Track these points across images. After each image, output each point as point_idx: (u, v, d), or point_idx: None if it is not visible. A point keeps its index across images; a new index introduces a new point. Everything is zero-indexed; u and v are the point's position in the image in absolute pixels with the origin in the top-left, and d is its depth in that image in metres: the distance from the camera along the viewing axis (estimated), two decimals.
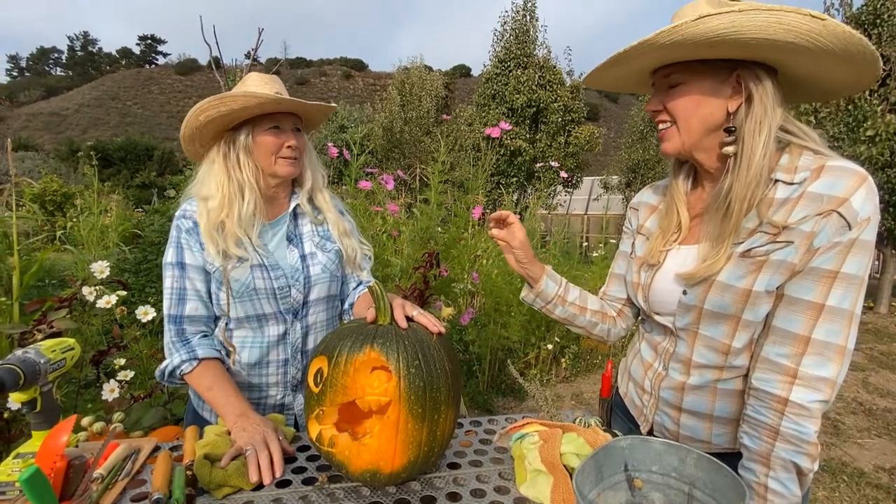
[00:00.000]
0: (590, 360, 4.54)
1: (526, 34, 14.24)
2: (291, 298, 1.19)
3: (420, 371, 0.83)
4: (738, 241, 0.83)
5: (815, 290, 0.77)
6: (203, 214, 1.12)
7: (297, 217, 1.27)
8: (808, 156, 0.81)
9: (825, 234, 0.75)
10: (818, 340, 0.76)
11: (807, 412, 0.76)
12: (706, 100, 0.83)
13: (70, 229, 5.34)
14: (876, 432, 3.39)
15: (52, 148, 58.66)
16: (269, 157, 1.16)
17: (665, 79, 0.87)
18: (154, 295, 3.80)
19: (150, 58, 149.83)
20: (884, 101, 6.49)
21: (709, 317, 0.87)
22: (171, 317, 1.13)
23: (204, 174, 1.17)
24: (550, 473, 0.84)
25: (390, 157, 17.83)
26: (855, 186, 0.74)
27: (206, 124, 1.11)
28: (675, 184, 0.99)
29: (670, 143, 0.90)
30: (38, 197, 10.82)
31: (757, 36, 0.72)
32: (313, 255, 1.24)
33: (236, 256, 1.12)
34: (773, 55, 0.78)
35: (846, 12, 7.03)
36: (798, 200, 0.78)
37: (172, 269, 1.13)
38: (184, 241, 1.13)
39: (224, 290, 1.12)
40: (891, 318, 6.98)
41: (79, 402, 2.07)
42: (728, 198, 0.84)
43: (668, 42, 0.75)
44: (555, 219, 12.70)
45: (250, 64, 3.99)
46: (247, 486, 0.86)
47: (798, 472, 0.77)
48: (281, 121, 1.16)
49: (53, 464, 0.75)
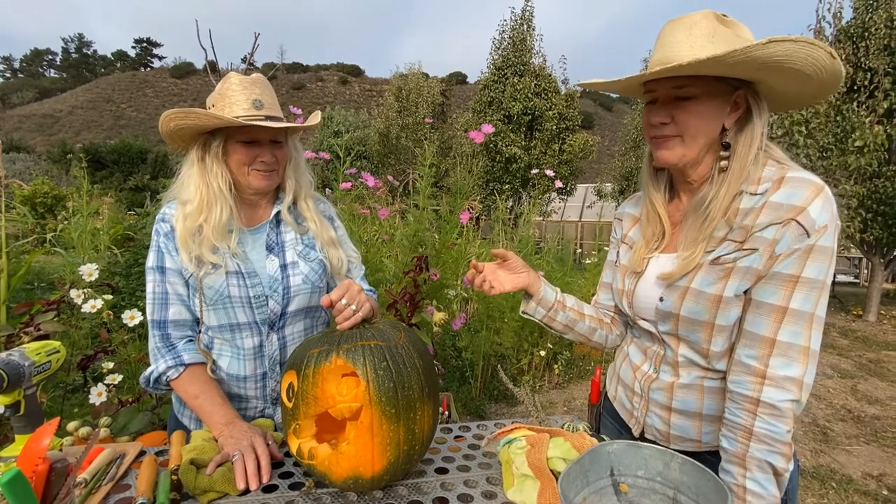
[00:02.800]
0: (582, 366, 4.55)
1: (523, 43, 14.39)
2: (268, 309, 1.14)
3: (388, 372, 0.83)
4: (709, 250, 0.88)
5: (779, 294, 0.80)
6: (180, 219, 1.09)
7: (280, 224, 1.21)
8: (771, 166, 0.85)
9: (785, 241, 0.79)
10: (783, 342, 0.80)
11: (778, 412, 0.79)
12: (714, 116, 0.87)
13: (60, 232, 5.29)
14: (864, 439, 3.42)
15: (44, 150, 58.21)
16: (241, 167, 1.11)
17: (675, 90, 0.87)
18: (144, 299, 3.77)
19: (146, 61, 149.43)
20: (872, 112, 6.60)
21: (686, 323, 0.91)
22: (155, 322, 1.11)
23: (184, 175, 1.13)
24: (537, 478, 0.84)
25: (386, 162, 17.87)
26: (812, 196, 0.79)
27: (176, 130, 1.08)
28: (654, 195, 1.02)
29: (672, 153, 0.90)
30: (29, 199, 10.73)
31: (794, 66, 0.78)
32: (295, 264, 1.18)
33: (210, 263, 1.08)
34: (775, 77, 0.82)
35: (837, 25, 7.16)
36: (761, 210, 0.82)
37: (154, 273, 1.11)
38: (163, 245, 1.11)
39: (197, 296, 1.10)
40: (879, 327, 7.05)
41: (65, 406, 2.04)
42: (710, 206, 0.87)
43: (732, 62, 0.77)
44: (549, 225, 12.75)
45: (246, 68, 4.00)
46: (233, 491, 0.85)
47: (774, 473, 0.79)
48: (257, 132, 1.09)
49: (35, 467, 0.74)
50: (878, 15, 6.67)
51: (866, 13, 6.93)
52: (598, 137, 16.53)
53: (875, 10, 6.82)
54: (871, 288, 7.65)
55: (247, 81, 1.10)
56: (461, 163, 3.19)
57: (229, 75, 1.11)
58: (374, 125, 17.71)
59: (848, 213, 6.63)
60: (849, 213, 6.64)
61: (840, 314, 7.88)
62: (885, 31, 6.59)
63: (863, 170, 6.55)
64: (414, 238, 2.85)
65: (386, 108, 18.57)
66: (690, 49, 0.82)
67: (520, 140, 14.06)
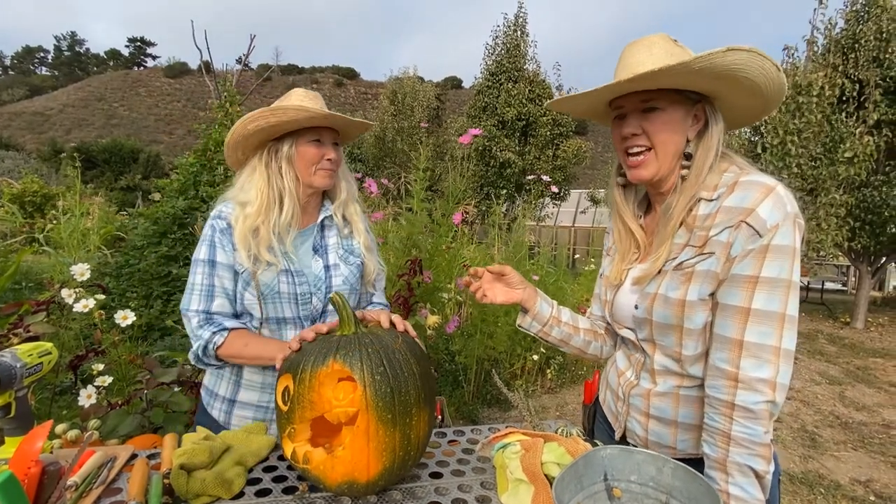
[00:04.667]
0: (574, 371, 4.56)
1: (517, 49, 14.48)
2: (311, 306, 1.23)
3: (386, 377, 0.83)
4: (672, 257, 0.91)
5: (740, 295, 0.83)
6: (240, 219, 1.17)
7: (324, 228, 1.33)
8: (731, 173, 0.89)
9: (738, 243, 0.82)
10: (751, 343, 0.81)
11: (752, 414, 0.80)
12: (679, 127, 0.92)
13: (50, 231, 5.23)
14: (852, 445, 3.46)
15: (34, 148, 57.44)
16: (308, 167, 1.21)
17: (642, 103, 0.91)
18: (135, 300, 3.74)
19: (139, 60, 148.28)
20: (862, 123, 6.72)
21: (658, 328, 0.94)
22: (199, 311, 1.16)
23: (244, 180, 1.23)
24: (531, 483, 0.84)
25: (381, 165, 17.87)
26: (761, 198, 0.81)
27: (254, 133, 1.16)
28: (625, 213, 1.06)
29: (647, 170, 0.94)
30: (18, 197, 10.57)
31: (748, 75, 0.83)
32: (336, 266, 1.29)
33: (266, 261, 1.16)
34: (730, 88, 0.87)
35: (829, 35, 7.27)
36: (716, 215, 0.86)
37: (204, 265, 1.17)
38: (217, 240, 1.17)
39: (250, 290, 1.17)
40: (867, 334, 7.14)
41: (53, 408, 2.02)
42: (672, 212, 0.92)
43: (698, 67, 0.81)
44: (543, 230, 12.80)
45: (241, 69, 3.99)
46: (225, 495, 0.85)
47: (756, 475, 0.80)
48: (322, 134, 1.22)
49: (28, 469, 0.73)
50: (869, 27, 6.79)
51: (857, 24, 7.06)
52: (591, 144, 16.64)
53: (865, 21, 6.94)
54: (858, 295, 7.76)
55: (311, 94, 1.24)
56: (455, 167, 3.20)
57: (294, 90, 1.24)
58: None
59: (836, 222, 6.72)
60: (837, 221, 6.73)
61: (828, 321, 7.97)
62: (875, 42, 6.71)
63: (852, 179, 6.66)
64: (408, 241, 2.86)
65: (381, 112, 18.58)
66: (654, 64, 0.84)
67: (514, 145, 14.13)
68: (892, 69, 6.55)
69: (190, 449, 0.93)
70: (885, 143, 6.81)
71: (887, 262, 7.90)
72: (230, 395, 1.24)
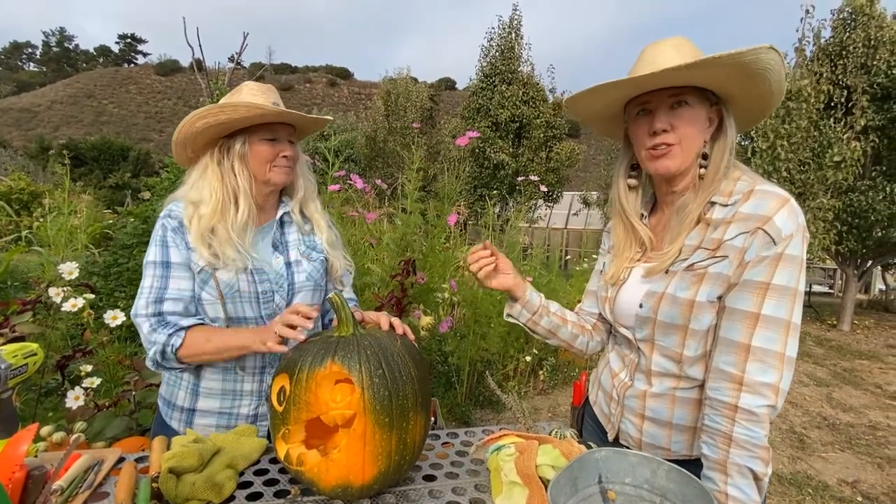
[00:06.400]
0: (567, 372, 4.57)
1: (511, 51, 14.51)
2: (274, 304, 1.19)
3: (384, 380, 0.83)
4: (684, 258, 0.92)
5: (751, 301, 0.84)
6: (194, 219, 1.12)
7: (284, 225, 1.28)
8: (744, 181, 0.91)
9: (753, 249, 0.84)
10: (758, 347, 0.82)
11: (755, 417, 0.81)
12: (702, 126, 0.94)
13: (37, 229, 5.14)
14: (839, 446, 3.50)
15: (21, 145, 56.56)
16: (263, 165, 1.17)
17: (672, 98, 0.92)
18: (124, 300, 3.68)
19: (130, 57, 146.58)
20: (849, 128, 6.82)
21: (662, 327, 0.94)
22: (149, 314, 1.09)
23: (196, 179, 1.17)
24: (526, 485, 0.84)
25: (373, 165, 17.81)
26: (777, 207, 0.84)
27: (203, 130, 1.11)
28: (629, 208, 1.07)
29: (673, 161, 0.94)
30: (4, 195, 10.39)
31: (771, 78, 0.86)
32: (299, 262, 1.25)
33: (225, 259, 1.12)
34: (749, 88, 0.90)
35: (817, 43, 7.39)
36: (732, 220, 0.88)
37: (155, 267, 1.11)
38: (170, 239, 1.12)
39: (208, 289, 1.12)
40: (853, 336, 7.25)
41: (39, 410, 1.97)
42: (689, 209, 0.94)
43: (743, 61, 0.83)
44: (535, 232, 12.84)
45: (234, 68, 3.96)
46: (215, 498, 0.83)
47: (754, 477, 0.81)
48: (277, 131, 1.17)
49: (12, 474, 0.71)
50: (857, 34, 6.90)
51: (844, 32, 7.17)
52: (584, 146, 16.75)
53: (853, 29, 7.06)
54: (845, 298, 7.88)
55: (263, 87, 1.18)
56: (449, 168, 3.20)
57: (245, 83, 1.18)
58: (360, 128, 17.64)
59: (823, 226, 6.81)
60: (824, 225, 6.83)
61: (815, 324, 8.08)
62: (862, 49, 6.83)
63: (839, 184, 6.76)
64: (401, 242, 2.85)
65: (374, 112, 18.53)
66: (684, 60, 0.84)
67: (507, 147, 14.16)
68: (879, 76, 6.66)
69: (179, 452, 0.91)
70: (872, 149, 6.93)
71: (873, 266, 8.04)
72: (189, 405, 1.18)
